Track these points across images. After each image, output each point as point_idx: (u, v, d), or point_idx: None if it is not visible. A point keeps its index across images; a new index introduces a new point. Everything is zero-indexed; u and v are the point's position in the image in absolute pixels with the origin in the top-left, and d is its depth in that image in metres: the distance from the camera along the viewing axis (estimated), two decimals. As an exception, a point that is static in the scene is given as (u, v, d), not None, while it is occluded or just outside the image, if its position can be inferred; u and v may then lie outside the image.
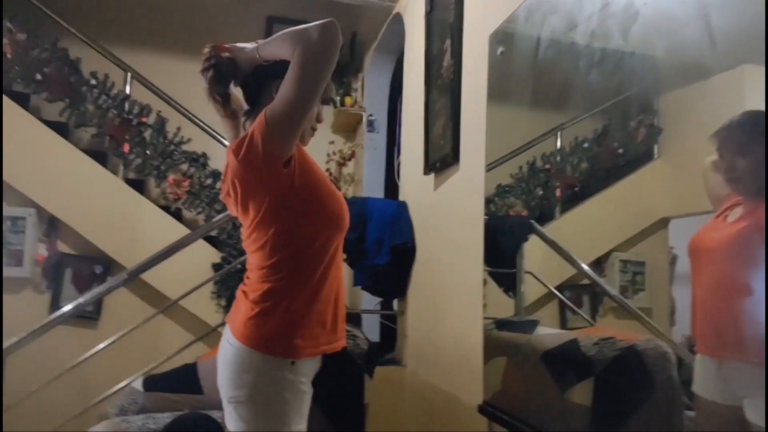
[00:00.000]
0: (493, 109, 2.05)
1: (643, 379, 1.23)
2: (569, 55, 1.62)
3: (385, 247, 2.88)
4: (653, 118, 1.31)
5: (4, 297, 3.54)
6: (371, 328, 3.76)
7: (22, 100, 3.62)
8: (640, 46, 1.29)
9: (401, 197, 3.20)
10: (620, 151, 1.40)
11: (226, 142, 2.42)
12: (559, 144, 1.64)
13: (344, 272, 3.42)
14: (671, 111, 1.25)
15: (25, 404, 2.51)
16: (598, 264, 1.44)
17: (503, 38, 1.99)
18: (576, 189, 1.57)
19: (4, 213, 3.54)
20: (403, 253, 2.92)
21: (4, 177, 3.44)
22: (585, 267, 1.54)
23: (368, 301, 3.64)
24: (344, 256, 3.02)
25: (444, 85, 2.51)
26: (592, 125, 1.48)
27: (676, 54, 1.22)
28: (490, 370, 1.92)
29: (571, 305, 1.62)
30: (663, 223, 1.25)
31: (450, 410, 2.36)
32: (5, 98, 3.49)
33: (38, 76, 3.60)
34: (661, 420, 1.18)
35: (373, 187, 4.02)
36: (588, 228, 1.54)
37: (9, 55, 3.55)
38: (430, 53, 2.77)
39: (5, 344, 2.39)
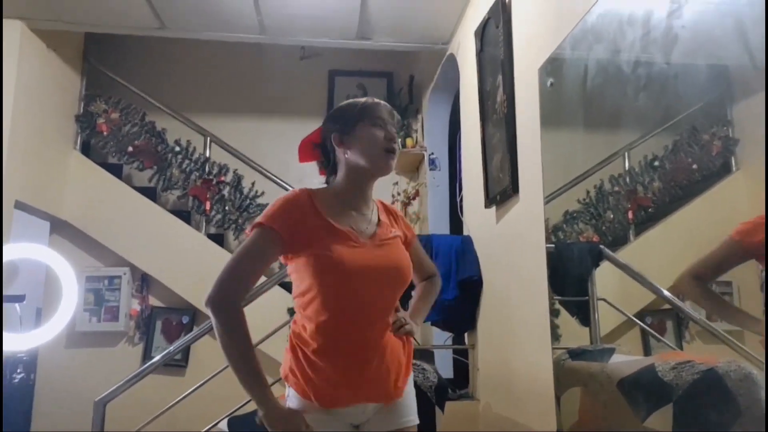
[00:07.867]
0: (549, 138, 1.96)
1: (727, 403, 1.09)
2: (619, 79, 1.52)
3: (452, 282, 2.78)
4: (727, 129, 1.17)
5: (103, 349, 3.68)
6: (444, 364, 3.60)
7: (116, 171, 3.84)
8: (703, 57, 1.17)
9: (465, 232, 3.10)
10: (695, 166, 1.26)
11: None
12: (627, 164, 1.51)
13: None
14: (747, 120, 1.11)
15: (125, 447, 2.55)
16: (682, 287, 1.28)
17: (552, 70, 1.94)
18: (650, 210, 1.43)
19: (103, 273, 3.72)
20: (471, 287, 2.80)
21: (102, 240, 3.62)
22: (664, 291, 1.38)
23: (439, 336, 3.51)
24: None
25: (499, 120, 2.44)
26: (662, 142, 1.35)
27: (744, 61, 1.09)
28: (566, 401, 1.78)
29: (652, 332, 1.45)
30: (750, 238, 1.10)
31: (525, 442, 2.20)
32: (102, 170, 3.73)
33: (130, 149, 3.81)
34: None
35: (438, 224, 3.92)
36: (666, 249, 1.39)
37: (105, 133, 3.79)
38: (483, 90, 2.71)
39: (105, 393, 2.46)
